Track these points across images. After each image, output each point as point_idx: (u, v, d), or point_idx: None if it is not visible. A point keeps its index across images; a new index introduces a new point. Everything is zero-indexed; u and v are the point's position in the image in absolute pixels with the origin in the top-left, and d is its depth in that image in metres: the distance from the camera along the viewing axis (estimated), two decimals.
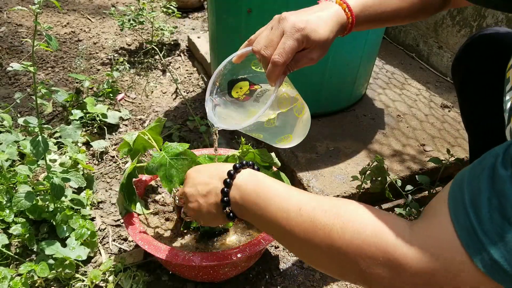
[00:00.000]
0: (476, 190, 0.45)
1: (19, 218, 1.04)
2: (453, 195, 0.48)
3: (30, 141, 0.91)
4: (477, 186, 0.45)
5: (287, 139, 0.92)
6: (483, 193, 0.44)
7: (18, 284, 0.90)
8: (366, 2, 0.75)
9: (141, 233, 0.88)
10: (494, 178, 0.44)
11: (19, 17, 2.27)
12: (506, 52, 0.87)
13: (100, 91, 1.63)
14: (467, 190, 0.46)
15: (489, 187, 0.44)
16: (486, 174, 0.45)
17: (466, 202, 0.45)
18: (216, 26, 1.38)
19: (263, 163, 0.97)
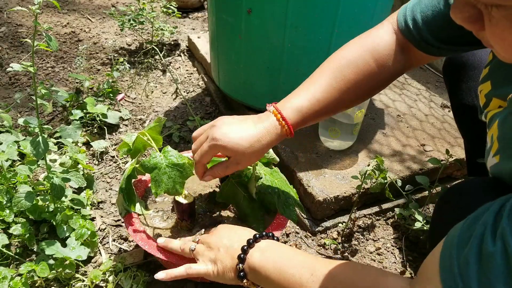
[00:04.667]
0: (465, 261, 0.45)
1: (19, 218, 1.04)
2: (443, 264, 0.48)
3: (30, 141, 0.91)
4: (466, 257, 0.45)
5: (336, 134, 1.24)
6: (471, 265, 0.44)
7: (18, 284, 0.90)
8: (302, 107, 0.78)
9: (141, 233, 0.88)
10: (482, 251, 0.44)
11: (19, 17, 2.27)
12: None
13: (100, 91, 1.64)
14: (456, 260, 0.46)
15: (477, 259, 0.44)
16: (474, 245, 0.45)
17: (456, 273, 0.45)
18: (216, 26, 1.38)
19: (262, 160, 0.97)
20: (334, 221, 1.17)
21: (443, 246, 0.49)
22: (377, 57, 0.79)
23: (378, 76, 0.80)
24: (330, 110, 0.81)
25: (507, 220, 0.42)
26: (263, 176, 0.94)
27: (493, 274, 0.41)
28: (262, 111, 0.86)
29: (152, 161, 0.82)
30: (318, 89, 0.79)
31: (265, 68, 1.31)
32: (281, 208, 0.93)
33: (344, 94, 0.79)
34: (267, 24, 1.21)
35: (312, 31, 1.20)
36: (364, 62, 0.79)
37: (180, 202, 0.89)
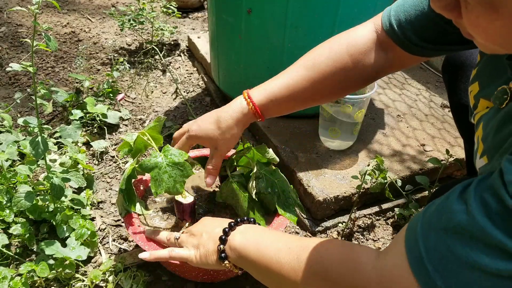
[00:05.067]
0: (427, 221, 0.47)
1: (19, 218, 1.04)
2: (410, 225, 0.51)
3: (30, 141, 0.91)
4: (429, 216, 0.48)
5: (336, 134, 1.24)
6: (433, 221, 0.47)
7: (18, 284, 0.90)
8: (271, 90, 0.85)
9: (141, 233, 0.88)
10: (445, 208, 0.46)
11: (19, 17, 2.27)
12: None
13: (100, 91, 1.64)
14: (421, 220, 0.49)
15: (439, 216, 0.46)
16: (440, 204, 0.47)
17: (418, 231, 0.48)
18: (216, 26, 1.38)
19: (262, 160, 0.97)
20: (334, 221, 1.17)
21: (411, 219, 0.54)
22: (352, 52, 0.81)
23: (353, 71, 0.81)
24: (302, 99, 0.84)
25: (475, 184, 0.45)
26: (263, 176, 0.94)
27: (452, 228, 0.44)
28: None
29: (153, 161, 0.82)
30: (289, 76, 0.84)
31: (265, 68, 1.31)
32: (281, 208, 0.93)
33: (316, 85, 0.82)
34: (267, 24, 1.21)
35: (312, 31, 1.20)
36: (338, 56, 0.81)
37: (180, 202, 0.89)
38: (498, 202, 0.41)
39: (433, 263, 0.45)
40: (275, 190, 0.94)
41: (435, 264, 0.45)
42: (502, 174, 0.41)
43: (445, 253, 0.44)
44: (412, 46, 0.75)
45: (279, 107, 0.86)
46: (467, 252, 0.42)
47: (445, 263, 0.44)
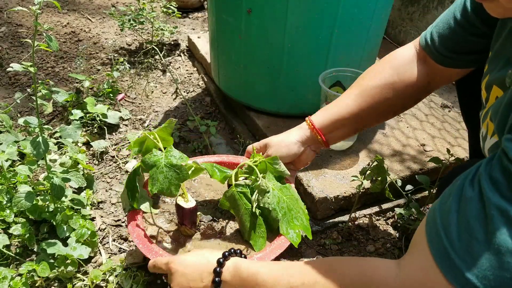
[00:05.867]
0: (446, 211, 0.48)
1: (19, 218, 1.04)
2: (428, 220, 0.51)
3: (30, 141, 0.91)
4: (447, 207, 0.48)
5: None
6: (452, 213, 0.47)
7: (19, 284, 0.90)
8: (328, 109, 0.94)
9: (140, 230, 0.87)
10: (461, 198, 0.47)
11: (19, 17, 2.27)
12: None
13: (100, 91, 1.64)
14: (439, 211, 0.49)
15: (457, 207, 0.47)
16: (455, 194, 0.48)
17: (438, 222, 0.48)
18: (216, 26, 1.38)
19: (275, 173, 0.92)
20: (334, 221, 1.17)
21: (428, 213, 0.53)
22: (396, 67, 0.88)
23: (399, 85, 0.88)
24: (357, 115, 0.90)
25: (484, 166, 0.46)
26: (271, 190, 0.87)
27: (471, 216, 0.45)
28: (262, 110, 0.90)
29: (153, 158, 0.82)
30: (342, 97, 0.93)
31: (265, 68, 1.31)
32: (284, 228, 0.86)
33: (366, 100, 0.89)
34: (267, 24, 1.21)
35: (312, 31, 1.20)
36: (382, 71, 0.90)
37: (180, 205, 0.86)
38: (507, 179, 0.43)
39: (459, 254, 0.45)
40: (281, 207, 0.87)
41: (460, 254, 0.45)
42: (505, 153, 0.43)
43: (468, 241, 0.44)
44: (443, 58, 0.82)
45: (338, 126, 0.93)
46: (489, 234, 0.43)
47: (470, 251, 0.44)
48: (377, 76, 0.90)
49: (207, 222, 0.95)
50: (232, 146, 1.48)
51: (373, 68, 0.93)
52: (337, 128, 0.93)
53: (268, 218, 0.87)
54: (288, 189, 0.92)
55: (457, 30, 0.78)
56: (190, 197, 0.89)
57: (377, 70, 0.91)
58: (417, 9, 1.96)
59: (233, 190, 0.87)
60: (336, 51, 1.25)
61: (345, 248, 1.13)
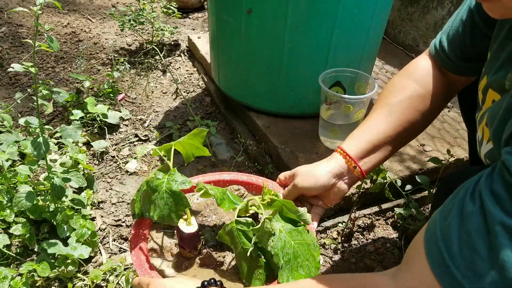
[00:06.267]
0: (447, 226, 0.47)
1: (20, 218, 1.05)
2: (427, 233, 0.50)
3: (31, 141, 0.92)
4: (448, 222, 0.47)
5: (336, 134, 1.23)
6: (453, 228, 0.46)
7: (19, 284, 0.90)
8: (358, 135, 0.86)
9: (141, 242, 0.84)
10: (463, 213, 0.46)
11: (20, 17, 2.27)
12: None
13: (101, 91, 1.64)
14: (439, 226, 0.48)
15: (458, 222, 0.46)
16: (456, 209, 0.47)
17: (439, 237, 0.47)
18: (216, 26, 1.38)
19: (288, 215, 0.83)
20: (334, 221, 1.17)
21: (426, 226, 0.52)
22: (417, 78, 0.85)
23: (425, 95, 0.85)
24: (390, 138, 0.84)
25: (484, 179, 0.45)
26: (277, 233, 0.78)
27: (473, 231, 0.44)
28: (261, 110, 0.87)
29: (155, 182, 0.77)
30: (369, 120, 0.87)
31: (265, 68, 1.31)
32: (284, 276, 0.75)
33: (393, 113, 0.84)
34: (267, 24, 1.21)
35: (312, 31, 1.20)
36: (405, 85, 0.86)
37: (180, 229, 0.81)
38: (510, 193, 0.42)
39: (460, 268, 0.44)
40: (286, 252, 0.77)
41: (462, 270, 0.44)
42: (506, 167, 0.43)
43: (471, 256, 0.44)
44: (453, 65, 0.80)
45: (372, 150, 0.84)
46: (492, 250, 0.42)
47: (473, 267, 0.44)
48: (402, 91, 0.85)
49: (209, 249, 0.88)
50: (232, 146, 1.48)
51: (395, 84, 0.88)
52: (372, 154, 0.85)
53: (270, 262, 0.78)
54: (300, 233, 0.80)
55: (464, 34, 0.76)
56: (194, 221, 0.83)
57: (400, 85, 0.86)
58: (417, 9, 1.97)
59: (232, 226, 0.77)
60: (336, 51, 1.26)
61: (345, 248, 1.13)
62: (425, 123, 0.90)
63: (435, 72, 0.85)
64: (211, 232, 0.92)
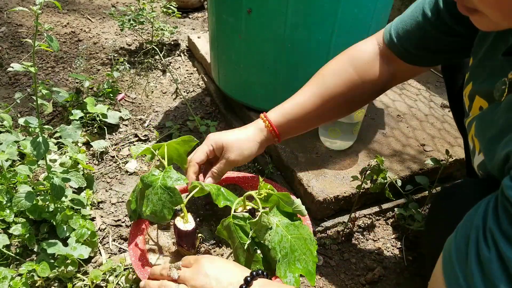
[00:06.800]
0: (470, 275, 0.47)
1: (19, 218, 1.04)
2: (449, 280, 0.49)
3: (30, 141, 0.91)
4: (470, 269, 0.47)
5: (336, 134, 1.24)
6: (476, 277, 0.46)
7: (18, 284, 0.90)
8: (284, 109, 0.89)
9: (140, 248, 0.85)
10: (481, 259, 0.46)
11: (19, 17, 2.27)
12: None
13: (100, 91, 1.64)
14: (461, 274, 0.48)
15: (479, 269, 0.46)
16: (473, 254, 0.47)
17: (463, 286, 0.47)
18: (216, 26, 1.38)
19: (286, 209, 0.85)
20: (334, 221, 1.17)
21: (443, 264, 0.51)
22: (357, 66, 0.85)
23: (360, 85, 0.85)
24: (315, 115, 0.88)
25: (492, 222, 0.46)
26: (274, 227, 0.79)
27: (495, 276, 0.44)
28: (262, 111, 0.88)
29: (150, 178, 0.78)
30: (301, 95, 0.88)
31: (265, 68, 1.31)
32: (282, 270, 0.76)
33: (326, 101, 0.86)
34: (267, 24, 1.21)
35: (312, 31, 1.20)
36: (344, 71, 0.86)
37: (177, 226, 0.82)
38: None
39: None
40: (283, 246, 0.78)
41: None
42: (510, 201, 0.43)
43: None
44: (410, 56, 0.79)
45: (295, 126, 0.89)
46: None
47: None
48: (338, 76, 0.86)
49: (208, 246, 0.89)
50: None
51: (334, 65, 0.89)
52: (292, 127, 0.90)
53: (267, 256, 0.79)
54: (297, 227, 0.81)
55: (427, 28, 0.74)
56: (190, 218, 0.84)
57: (338, 69, 0.87)
58: None
59: (230, 221, 0.78)
60: (336, 51, 1.25)
61: (345, 248, 1.13)
62: (351, 110, 0.94)
63: (380, 61, 0.84)
64: (209, 229, 0.93)
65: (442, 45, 0.75)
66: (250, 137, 0.88)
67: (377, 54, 0.84)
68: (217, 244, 0.90)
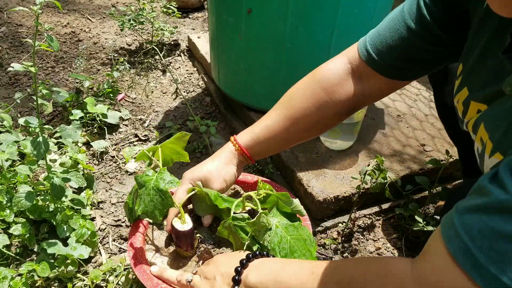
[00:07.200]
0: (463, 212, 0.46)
1: (20, 218, 1.05)
2: (444, 223, 0.49)
3: (30, 141, 0.91)
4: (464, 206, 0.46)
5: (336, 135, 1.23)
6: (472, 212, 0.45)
7: (19, 284, 0.90)
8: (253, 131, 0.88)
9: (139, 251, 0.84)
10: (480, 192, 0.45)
11: (20, 17, 2.27)
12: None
13: (100, 91, 1.64)
14: (456, 214, 0.47)
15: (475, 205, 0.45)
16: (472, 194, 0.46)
17: (456, 224, 0.46)
18: (216, 26, 1.38)
19: (286, 209, 0.85)
20: (334, 221, 1.17)
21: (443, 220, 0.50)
22: (325, 85, 0.82)
23: (331, 105, 0.82)
24: (284, 138, 0.87)
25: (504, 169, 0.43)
26: (273, 228, 0.79)
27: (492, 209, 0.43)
28: (262, 110, 0.88)
29: (144, 178, 0.78)
30: (269, 117, 0.87)
31: (265, 68, 1.31)
32: None
33: (294, 122, 0.85)
34: (267, 24, 1.21)
35: (312, 31, 1.20)
36: (311, 91, 0.83)
37: (175, 227, 0.82)
38: None
39: (483, 250, 0.42)
40: (282, 247, 0.78)
41: (484, 251, 0.42)
42: None
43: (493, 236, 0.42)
44: (392, 70, 0.76)
45: (265, 147, 0.88)
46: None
47: (496, 247, 0.42)
48: (306, 98, 0.83)
49: (206, 247, 0.89)
50: None
51: (302, 88, 0.86)
52: (263, 149, 0.89)
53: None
54: (296, 228, 0.81)
55: (411, 39, 0.71)
56: (188, 219, 0.84)
57: (307, 92, 0.84)
58: None
59: (230, 222, 0.79)
60: (336, 51, 1.24)
61: (345, 248, 1.13)
62: (320, 131, 0.92)
63: (352, 80, 0.81)
64: (208, 230, 0.93)
65: (428, 55, 0.72)
66: (225, 162, 0.88)
67: (348, 73, 0.81)
68: (217, 244, 0.90)
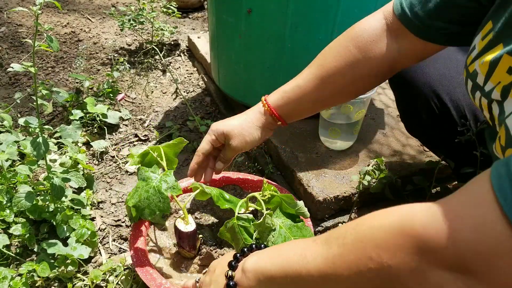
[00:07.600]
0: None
1: (19, 218, 1.05)
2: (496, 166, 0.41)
3: (30, 141, 0.92)
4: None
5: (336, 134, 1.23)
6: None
7: (18, 284, 0.90)
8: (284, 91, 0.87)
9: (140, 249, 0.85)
10: None
11: (19, 17, 2.27)
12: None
13: (100, 91, 1.64)
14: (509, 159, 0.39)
15: None
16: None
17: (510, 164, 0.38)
18: (216, 26, 1.38)
19: (289, 210, 0.85)
20: (334, 221, 1.17)
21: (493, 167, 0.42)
22: (360, 43, 0.78)
23: (364, 64, 0.78)
24: (316, 98, 0.84)
25: None
26: (277, 228, 0.79)
27: None
28: None
29: (148, 174, 0.78)
30: (301, 76, 0.85)
31: (265, 68, 1.31)
32: None
33: (326, 82, 0.81)
34: (267, 24, 1.21)
35: (312, 31, 1.20)
36: (344, 49, 0.79)
37: (178, 228, 0.83)
38: None
39: None
40: None
41: None
42: None
43: None
44: (424, 29, 0.71)
45: (296, 108, 0.86)
46: None
47: None
48: (338, 55, 0.79)
49: (208, 248, 0.89)
50: None
51: (335, 46, 0.82)
52: (294, 110, 0.86)
53: None
54: (300, 228, 0.81)
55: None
56: (191, 220, 0.84)
57: (340, 50, 0.80)
58: None
59: (234, 222, 0.79)
60: None
61: None
62: (355, 95, 0.89)
63: (387, 38, 0.76)
64: (210, 231, 0.92)
65: (459, 15, 0.67)
66: (250, 122, 0.87)
67: (383, 30, 0.76)
68: (218, 245, 0.90)
